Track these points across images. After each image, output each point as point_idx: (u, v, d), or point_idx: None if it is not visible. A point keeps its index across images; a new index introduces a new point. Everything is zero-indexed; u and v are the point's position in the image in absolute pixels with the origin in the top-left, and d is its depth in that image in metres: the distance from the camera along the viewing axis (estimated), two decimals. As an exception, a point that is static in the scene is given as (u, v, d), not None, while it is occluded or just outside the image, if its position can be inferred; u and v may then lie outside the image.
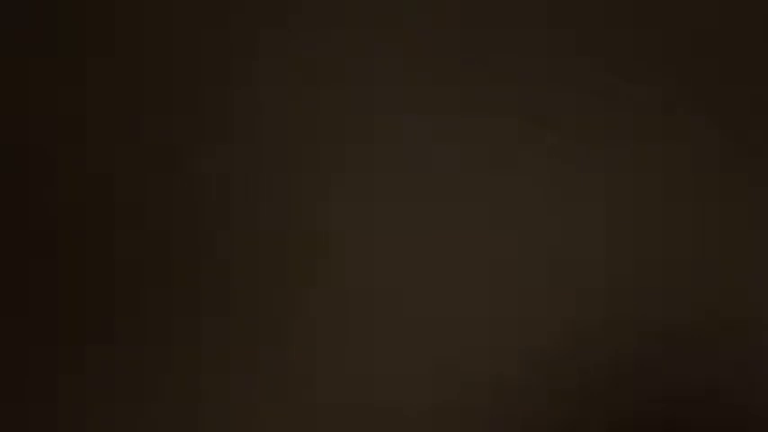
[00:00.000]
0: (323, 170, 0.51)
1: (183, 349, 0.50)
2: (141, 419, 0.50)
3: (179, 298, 0.50)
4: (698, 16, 0.53)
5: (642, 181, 0.52)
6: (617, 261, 0.52)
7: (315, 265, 0.51)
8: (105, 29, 0.50)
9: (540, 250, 0.52)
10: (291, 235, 0.51)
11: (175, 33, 0.51)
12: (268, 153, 0.51)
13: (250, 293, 0.51)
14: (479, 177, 0.52)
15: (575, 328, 0.52)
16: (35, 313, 0.50)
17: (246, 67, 0.51)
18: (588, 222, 0.52)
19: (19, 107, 0.50)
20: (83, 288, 0.50)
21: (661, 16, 0.52)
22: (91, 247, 0.50)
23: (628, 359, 0.52)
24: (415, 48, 0.51)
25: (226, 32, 0.51)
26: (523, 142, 0.52)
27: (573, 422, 0.52)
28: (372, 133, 0.51)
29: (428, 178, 0.51)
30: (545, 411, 0.52)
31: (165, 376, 0.50)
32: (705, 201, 0.52)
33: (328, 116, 0.51)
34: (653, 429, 0.52)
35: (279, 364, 0.51)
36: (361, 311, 0.51)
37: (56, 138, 0.50)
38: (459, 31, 0.52)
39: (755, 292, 0.52)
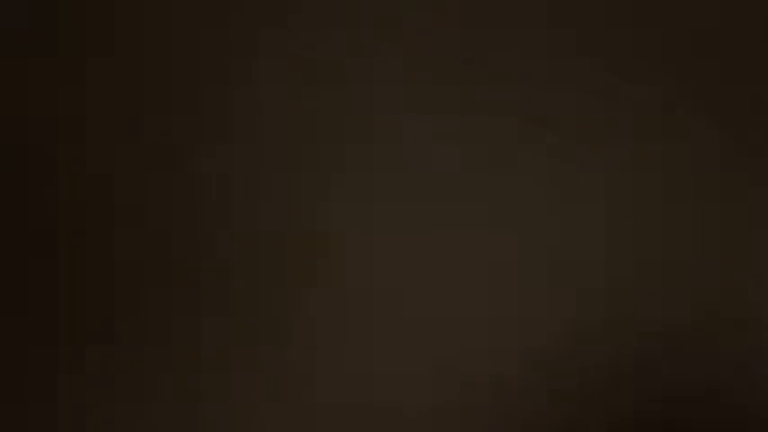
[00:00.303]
0: (323, 170, 0.51)
1: (183, 349, 0.50)
2: (141, 419, 0.50)
3: (179, 298, 0.50)
4: (698, 16, 0.53)
5: (642, 181, 0.52)
6: (617, 261, 0.52)
7: (315, 265, 0.51)
8: (105, 29, 0.50)
9: (540, 250, 0.52)
10: (291, 235, 0.51)
11: (175, 33, 0.51)
12: (268, 153, 0.51)
13: (250, 293, 0.51)
14: (479, 177, 0.52)
15: (575, 328, 0.52)
16: (35, 313, 0.50)
17: (246, 67, 0.51)
18: (588, 222, 0.52)
19: (19, 107, 0.50)
20: (83, 288, 0.50)
21: (661, 16, 0.52)
22: (91, 247, 0.50)
23: (628, 359, 0.52)
24: (415, 48, 0.51)
25: (226, 32, 0.51)
26: (523, 142, 0.52)
27: (573, 422, 0.52)
28: (372, 133, 0.51)
29: (428, 178, 0.51)
30: (545, 411, 0.52)
31: (165, 376, 0.50)
32: (705, 201, 0.52)
33: (328, 116, 0.51)
34: (653, 429, 0.52)
35: (279, 364, 0.51)
36: (361, 311, 0.51)
37: (56, 138, 0.50)
38: (459, 31, 0.52)
39: (755, 292, 0.52)
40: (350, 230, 0.51)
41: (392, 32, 0.51)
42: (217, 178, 0.51)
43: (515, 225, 0.52)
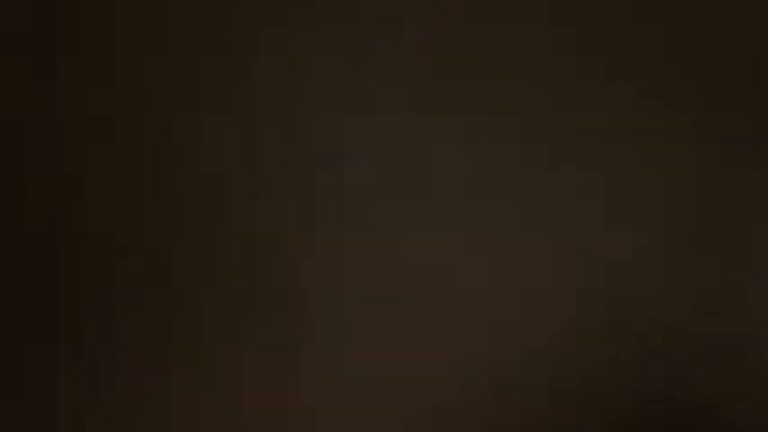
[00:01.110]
0: (323, 170, 0.51)
1: (183, 349, 0.50)
2: (141, 419, 0.50)
3: (179, 298, 0.50)
4: (698, 16, 0.53)
5: (642, 181, 0.52)
6: (617, 261, 0.52)
7: (314, 265, 0.51)
8: (105, 29, 0.50)
9: (540, 250, 0.52)
10: (291, 235, 0.51)
11: (175, 33, 0.51)
12: (268, 153, 0.51)
13: (250, 293, 0.51)
14: (479, 177, 0.52)
15: (575, 328, 0.52)
16: (35, 313, 0.50)
17: (246, 67, 0.51)
18: (588, 222, 0.52)
19: (19, 107, 0.50)
20: (83, 288, 0.50)
21: (661, 16, 0.52)
22: (91, 247, 0.50)
23: (628, 359, 0.52)
24: (415, 48, 0.51)
25: (226, 32, 0.51)
26: (523, 142, 0.52)
27: (573, 422, 0.52)
28: (372, 133, 0.51)
29: (428, 178, 0.51)
30: (545, 411, 0.52)
31: (164, 376, 0.50)
32: (705, 201, 0.52)
33: (328, 116, 0.51)
34: (653, 429, 0.52)
35: (278, 364, 0.51)
36: (361, 312, 0.51)
37: (55, 138, 0.50)
38: (459, 31, 0.52)
39: (755, 292, 0.52)
40: (350, 231, 0.51)
41: (392, 32, 0.51)
42: (217, 178, 0.51)
43: (515, 225, 0.52)
